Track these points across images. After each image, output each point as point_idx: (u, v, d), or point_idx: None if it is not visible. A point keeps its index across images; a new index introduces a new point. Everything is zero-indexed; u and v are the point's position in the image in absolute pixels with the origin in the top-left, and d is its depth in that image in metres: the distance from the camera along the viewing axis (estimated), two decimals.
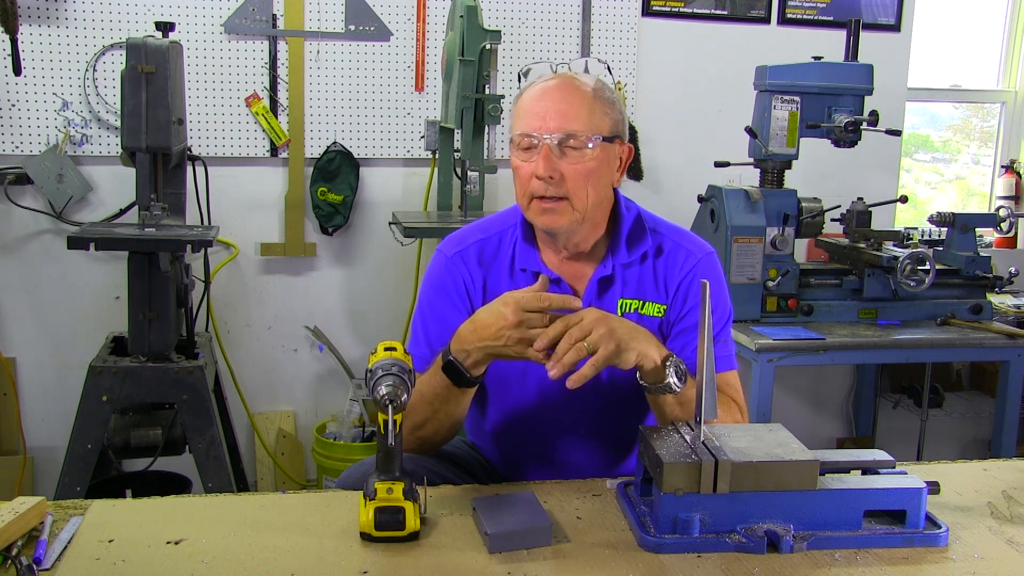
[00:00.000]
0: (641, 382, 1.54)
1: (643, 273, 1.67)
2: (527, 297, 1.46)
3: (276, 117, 3.42)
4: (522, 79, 1.69)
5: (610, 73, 1.70)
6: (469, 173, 3.17)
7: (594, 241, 1.67)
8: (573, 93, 1.58)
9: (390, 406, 1.31)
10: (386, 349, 1.39)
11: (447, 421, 1.60)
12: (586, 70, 1.66)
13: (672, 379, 1.50)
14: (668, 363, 1.50)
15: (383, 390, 1.31)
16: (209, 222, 3.03)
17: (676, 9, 3.71)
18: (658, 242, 1.69)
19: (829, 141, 3.19)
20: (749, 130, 3.15)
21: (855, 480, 1.42)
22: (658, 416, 1.60)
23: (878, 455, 1.48)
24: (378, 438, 1.40)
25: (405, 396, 1.31)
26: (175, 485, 2.95)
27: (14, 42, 2.97)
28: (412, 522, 1.34)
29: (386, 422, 1.34)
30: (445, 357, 1.52)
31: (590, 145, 1.56)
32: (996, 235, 4.14)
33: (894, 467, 1.46)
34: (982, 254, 3.30)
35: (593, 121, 1.57)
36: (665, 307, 1.67)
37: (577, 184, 1.57)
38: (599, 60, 1.76)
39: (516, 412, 1.72)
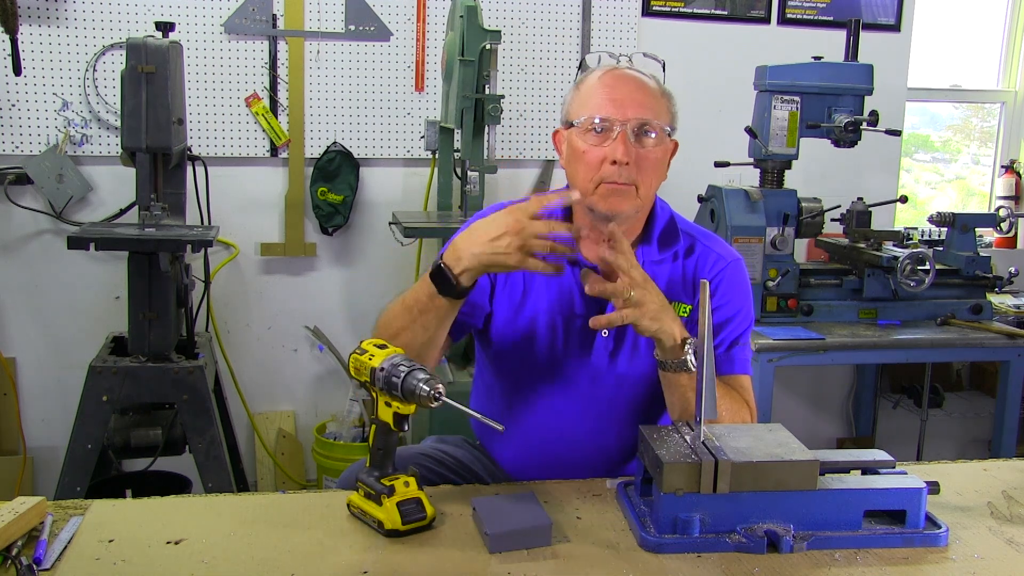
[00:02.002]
0: (658, 358, 1.56)
1: (672, 272, 1.70)
2: (529, 202, 1.46)
3: (276, 117, 3.42)
4: (583, 66, 1.72)
5: (664, 71, 1.73)
6: (469, 173, 3.16)
7: (635, 235, 1.70)
8: (645, 83, 1.63)
9: (440, 399, 1.30)
10: (377, 347, 1.39)
11: (422, 334, 1.56)
12: (630, 64, 1.70)
13: (690, 357, 1.52)
14: (688, 343, 1.52)
15: (424, 386, 1.30)
16: (209, 222, 3.03)
17: (676, 9, 3.72)
18: (688, 244, 1.72)
19: (829, 141, 3.18)
20: (749, 130, 3.15)
21: (855, 480, 1.42)
22: (669, 397, 1.61)
23: (878, 455, 1.48)
24: (378, 435, 1.41)
25: (441, 386, 1.32)
26: (175, 485, 2.95)
27: (14, 42, 2.96)
28: (430, 509, 1.38)
29: (397, 414, 1.36)
30: (435, 262, 1.50)
31: (654, 135, 1.60)
32: (996, 235, 4.14)
33: (894, 467, 1.46)
34: (982, 254, 3.30)
35: (661, 112, 1.62)
36: (691, 307, 1.70)
37: (646, 172, 1.60)
38: (655, 58, 1.78)
39: (528, 397, 1.72)
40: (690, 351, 1.52)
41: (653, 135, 1.60)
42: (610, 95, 1.60)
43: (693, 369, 1.52)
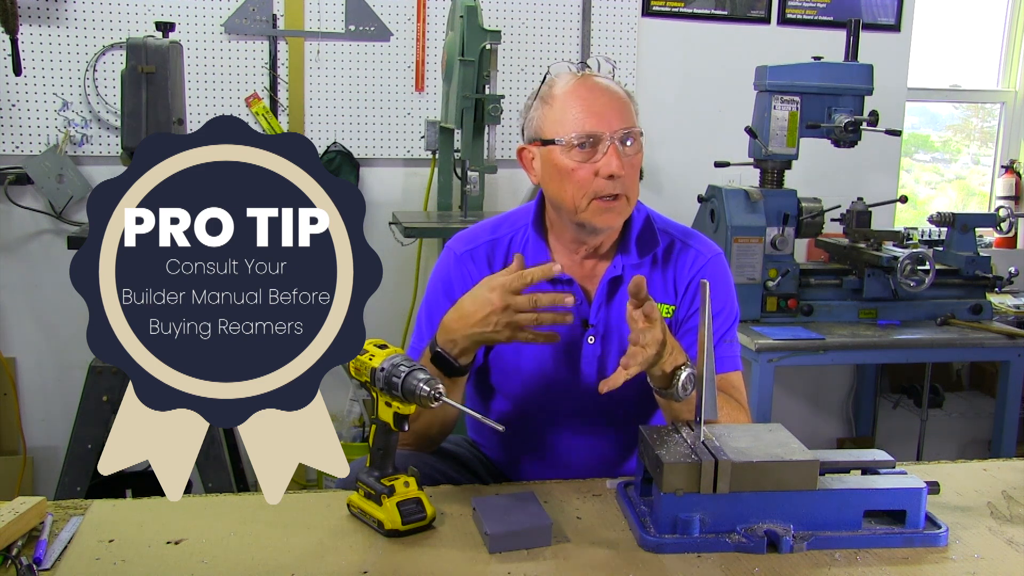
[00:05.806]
0: (650, 382, 1.54)
1: (652, 274, 1.68)
2: (511, 279, 1.45)
3: (276, 117, 3.42)
4: (546, 79, 1.65)
5: (613, 71, 1.70)
6: (469, 173, 3.17)
7: (611, 241, 1.68)
8: (616, 91, 1.60)
9: (440, 399, 1.31)
10: (378, 347, 1.39)
11: (440, 413, 1.58)
12: (598, 68, 1.67)
13: (678, 386, 1.48)
14: (679, 371, 1.48)
15: (425, 386, 1.30)
16: None
17: (676, 9, 3.72)
18: (667, 243, 1.70)
19: (829, 141, 3.18)
20: (749, 130, 3.15)
21: (855, 480, 1.42)
22: (665, 413, 1.60)
23: (878, 455, 1.48)
24: (378, 435, 1.41)
25: (441, 386, 1.32)
26: None
27: (14, 42, 2.96)
28: (430, 509, 1.38)
29: (397, 414, 1.36)
30: (432, 348, 1.53)
31: (633, 142, 1.58)
32: (996, 235, 4.14)
33: (894, 467, 1.46)
34: (982, 254, 3.30)
35: (634, 117, 1.60)
36: (674, 308, 1.68)
37: (633, 180, 1.60)
38: (606, 59, 1.76)
39: (519, 406, 1.72)
40: (679, 379, 1.47)
41: (633, 142, 1.58)
42: (589, 108, 1.56)
43: (679, 398, 1.49)
